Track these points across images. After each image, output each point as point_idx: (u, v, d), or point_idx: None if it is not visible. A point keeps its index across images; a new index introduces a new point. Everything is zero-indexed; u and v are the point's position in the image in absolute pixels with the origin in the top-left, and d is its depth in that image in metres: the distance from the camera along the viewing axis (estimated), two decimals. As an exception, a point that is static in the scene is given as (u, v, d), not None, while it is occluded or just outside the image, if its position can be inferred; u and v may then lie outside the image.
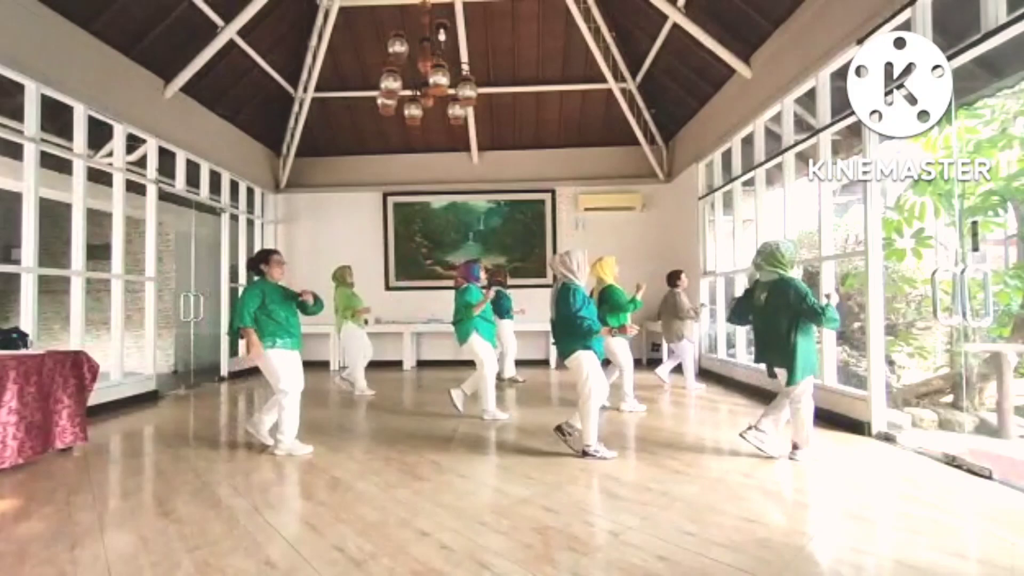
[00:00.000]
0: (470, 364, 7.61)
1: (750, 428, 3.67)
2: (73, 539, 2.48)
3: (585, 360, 3.67)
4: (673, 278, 6.47)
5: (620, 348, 5.18)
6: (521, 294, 7.71)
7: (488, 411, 4.91)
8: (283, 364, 3.85)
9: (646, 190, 9.00)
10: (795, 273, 3.59)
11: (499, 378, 6.77)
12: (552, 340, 3.90)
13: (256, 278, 4.03)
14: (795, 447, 3.58)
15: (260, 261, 4.02)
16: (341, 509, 2.80)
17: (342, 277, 6.34)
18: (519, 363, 7.50)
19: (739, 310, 3.96)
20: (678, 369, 6.49)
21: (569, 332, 3.69)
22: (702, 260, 7.62)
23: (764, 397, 5.64)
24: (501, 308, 6.80)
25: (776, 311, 3.50)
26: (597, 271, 5.20)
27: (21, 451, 3.48)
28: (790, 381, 3.47)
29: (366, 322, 6.53)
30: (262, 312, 3.84)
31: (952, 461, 3.43)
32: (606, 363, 5.23)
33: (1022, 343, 5.20)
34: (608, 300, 5.07)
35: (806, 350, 3.46)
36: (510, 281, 7.62)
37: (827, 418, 4.55)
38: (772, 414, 3.66)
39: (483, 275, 5.40)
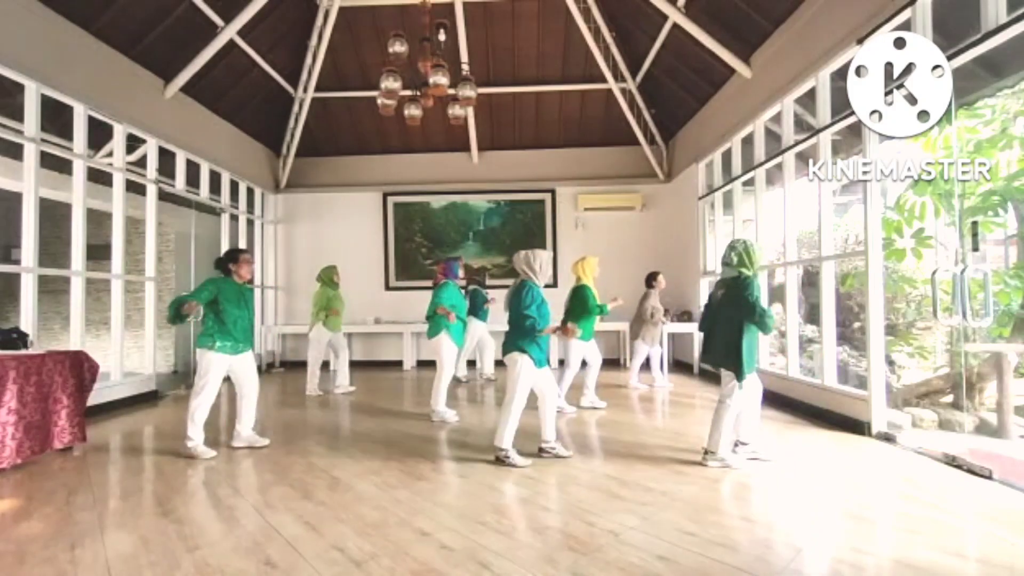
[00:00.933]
0: (469, 364, 7.62)
1: (736, 445, 3.63)
2: (73, 539, 2.48)
3: (520, 362, 3.60)
4: (650, 279, 6.40)
5: (576, 349, 5.17)
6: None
7: (437, 411, 4.90)
8: (212, 368, 3.85)
9: (646, 190, 9.00)
10: (762, 277, 3.58)
11: (458, 379, 7.01)
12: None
13: (220, 276, 3.97)
14: (706, 452, 3.51)
15: (228, 260, 3.96)
16: (341, 509, 2.80)
17: (329, 278, 6.33)
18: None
19: (706, 316, 3.79)
20: (655, 366, 6.52)
21: (515, 330, 3.65)
22: (702, 260, 7.62)
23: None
24: (477, 308, 6.78)
25: (730, 309, 3.46)
26: (577, 270, 5.22)
27: (20, 451, 3.48)
28: (739, 379, 3.41)
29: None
30: (211, 309, 3.83)
31: (952, 461, 3.44)
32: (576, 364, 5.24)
33: (1022, 343, 5.20)
34: (578, 299, 5.10)
35: (751, 348, 3.42)
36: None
37: (827, 418, 4.56)
38: (740, 423, 3.62)
39: (462, 273, 5.40)
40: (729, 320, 3.46)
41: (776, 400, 5.42)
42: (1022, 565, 2.17)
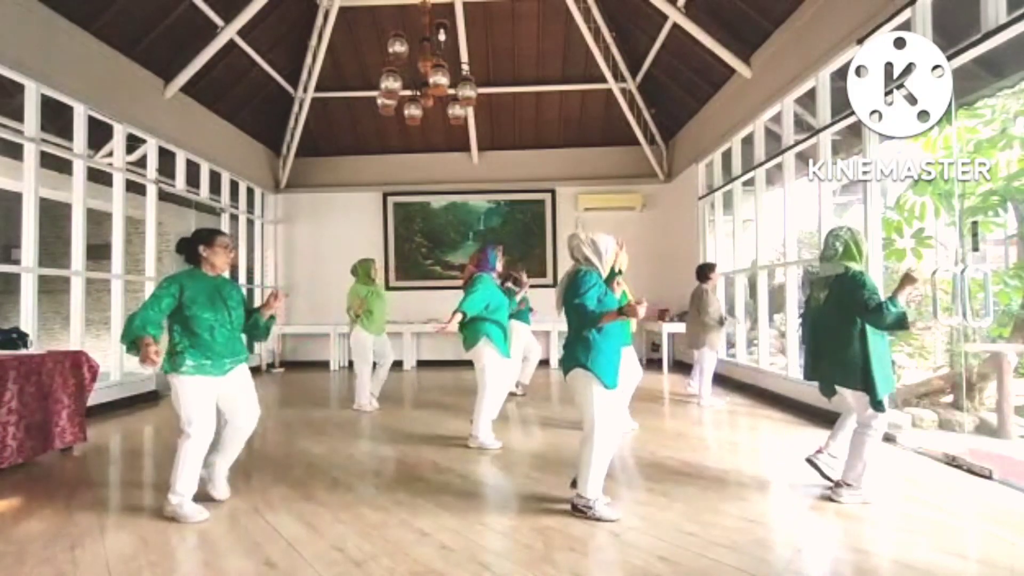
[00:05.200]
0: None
1: (819, 451, 3.12)
2: (73, 539, 2.48)
3: (590, 388, 2.62)
4: (704, 272, 5.44)
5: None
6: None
7: (477, 437, 3.90)
8: (194, 396, 2.65)
9: (646, 190, 9.00)
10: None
11: (514, 393, 5.74)
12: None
13: (187, 267, 2.82)
14: (840, 484, 2.85)
15: (199, 242, 2.78)
16: (341, 509, 2.80)
17: (365, 272, 5.38)
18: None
19: (806, 322, 3.16)
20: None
21: (573, 337, 2.71)
22: (702, 260, 7.59)
23: (762, 396, 5.64)
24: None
25: (839, 313, 2.83)
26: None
27: (21, 451, 3.48)
28: (874, 404, 2.74)
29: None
30: (177, 317, 2.66)
31: (952, 461, 3.43)
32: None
33: (1022, 343, 5.19)
34: None
35: (882, 360, 2.77)
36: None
37: (827, 418, 4.54)
38: (840, 436, 3.09)
39: (500, 265, 4.31)
40: (841, 328, 2.81)
41: (776, 400, 5.42)
42: (1022, 565, 2.17)
